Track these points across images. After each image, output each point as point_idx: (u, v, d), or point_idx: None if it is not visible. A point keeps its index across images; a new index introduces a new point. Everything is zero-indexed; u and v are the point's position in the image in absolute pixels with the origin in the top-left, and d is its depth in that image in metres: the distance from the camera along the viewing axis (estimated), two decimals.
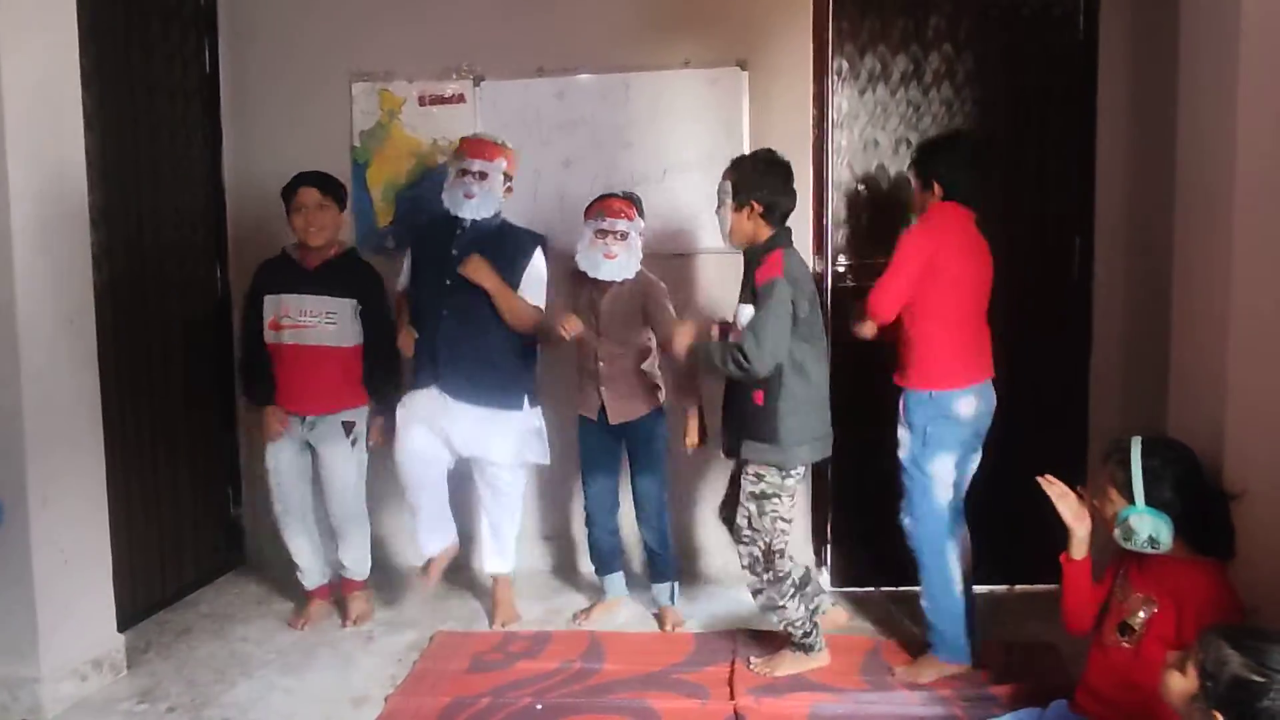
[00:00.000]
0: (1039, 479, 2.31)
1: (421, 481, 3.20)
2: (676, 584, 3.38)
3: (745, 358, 2.67)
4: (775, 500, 2.83)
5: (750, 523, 2.84)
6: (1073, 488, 2.32)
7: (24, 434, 2.66)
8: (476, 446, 3.19)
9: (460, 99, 3.78)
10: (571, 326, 3.07)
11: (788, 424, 2.76)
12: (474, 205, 3.11)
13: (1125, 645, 2.18)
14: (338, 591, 3.48)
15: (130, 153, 3.38)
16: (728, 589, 3.54)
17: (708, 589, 3.69)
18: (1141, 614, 2.16)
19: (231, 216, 3.90)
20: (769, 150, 2.87)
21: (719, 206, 2.86)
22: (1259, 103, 2.17)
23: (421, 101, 3.80)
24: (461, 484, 3.37)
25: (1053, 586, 2.41)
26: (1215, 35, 2.31)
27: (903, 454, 2.88)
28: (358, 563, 3.43)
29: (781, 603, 2.87)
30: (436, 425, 3.15)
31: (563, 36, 3.69)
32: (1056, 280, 3.45)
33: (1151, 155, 3.18)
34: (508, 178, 3.18)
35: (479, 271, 3.05)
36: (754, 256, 2.81)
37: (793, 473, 2.82)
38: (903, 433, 2.87)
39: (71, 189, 2.84)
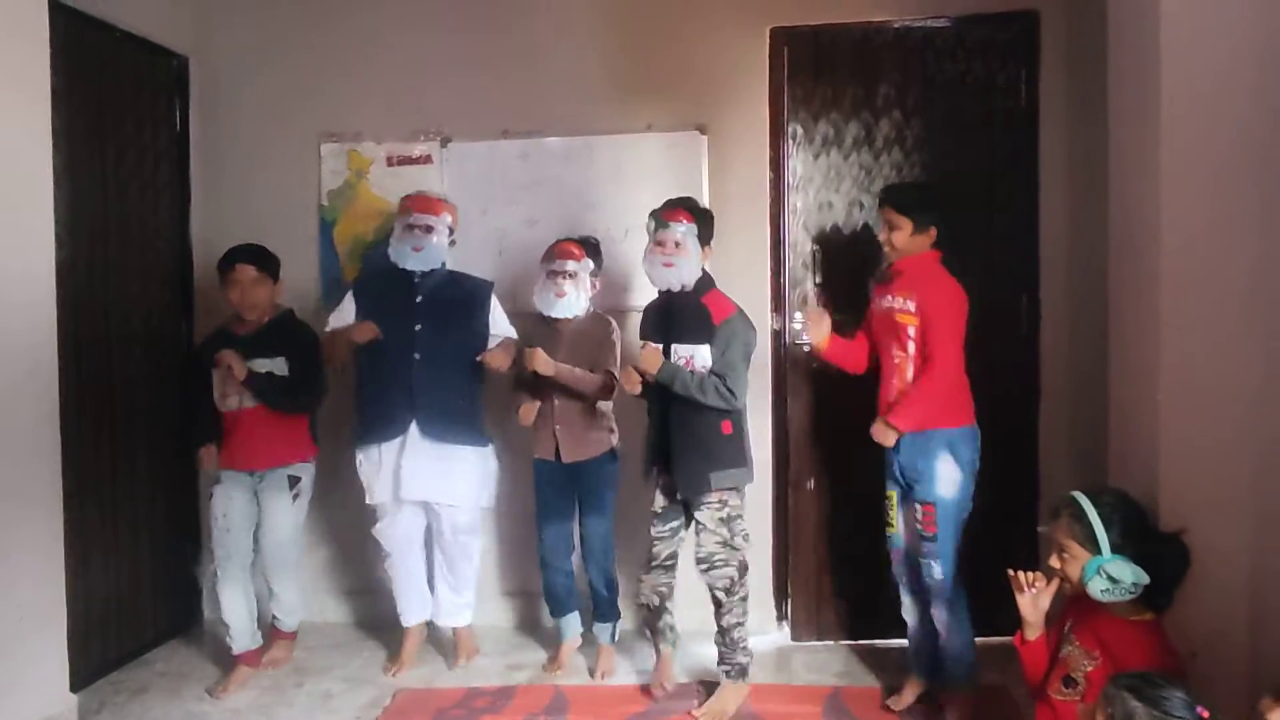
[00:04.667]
0: (1010, 575, 2.33)
1: (407, 564, 3.40)
2: (616, 623, 3.48)
3: (731, 391, 2.92)
4: (741, 519, 3.04)
5: (725, 544, 3.01)
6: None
7: None
8: (439, 491, 3.27)
9: (427, 160, 3.87)
10: (526, 415, 3.28)
11: (748, 446, 3.06)
12: (421, 258, 3.23)
13: (1071, 697, 2.23)
14: (268, 641, 3.50)
15: (99, 211, 3.42)
16: (686, 642, 3.54)
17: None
18: (1085, 667, 2.22)
19: (199, 274, 3.93)
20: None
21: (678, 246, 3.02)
22: (1180, 167, 2.29)
23: (389, 162, 3.89)
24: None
25: (1008, 639, 2.45)
26: (1139, 104, 2.45)
27: (949, 492, 2.90)
28: (288, 614, 3.50)
29: (744, 619, 3.05)
30: (403, 484, 3.24)
31: (528, 100, 3.80)
32: (1006, 336, 3.56)
33: (1091, 216, 3.31)
34: (451, 231, 3.32)
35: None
36: (694, 297, 3.02)
37: (745, 490, 3.09)
38: (948, 469, 2.90)
39: (38, 245, 2.87)
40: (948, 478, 2.90)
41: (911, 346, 2.92)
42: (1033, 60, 3.56)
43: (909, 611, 3.07)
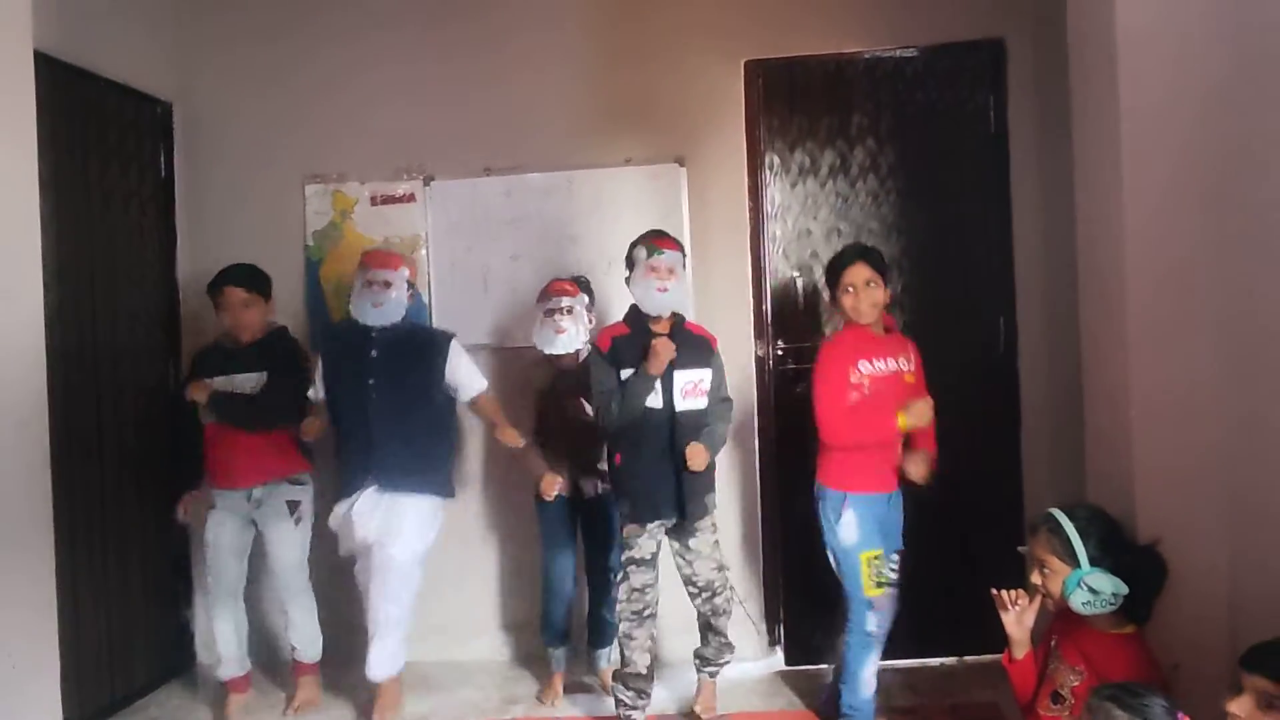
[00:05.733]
0: (994, 594, 2.36)
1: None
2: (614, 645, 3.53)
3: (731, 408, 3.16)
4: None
5: (720, 567, 3.10)
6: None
7: None
8: (387, 534, 3.18)
9: (411, 198, 3.92)
10: (549, 487, 3.27)
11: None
12: (381, 313, 3.26)
13: (1059, 713, 2.26)
14: (289, 674, 3.50)
15: (86, 256, 3.45)
16: (679, 670, 3.55)
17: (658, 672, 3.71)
18: (1071, 682, 2.25)
19: (185, 318, 3.95)
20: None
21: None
22: (1142, 192, 2.35)
23: (373, 201, 3.94)
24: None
25: (996, 657, 2.48)
26: (1100, 131, 2.52)
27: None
28: (307, 643, 3.46)
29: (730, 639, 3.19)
30: (352, 524, 3.22)
31: (509, 137, 3.86)
32: (985, 358, 3.62)
33: (1064, 237, 3.37)
34: (411, 285, 3.36)
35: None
36: (680, 324, 3.12)
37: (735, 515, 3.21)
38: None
39: (27, 293, 2.89)
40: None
41: None
42: (1000, 87, 3.65)
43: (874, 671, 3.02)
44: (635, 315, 3.09)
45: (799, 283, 3.74)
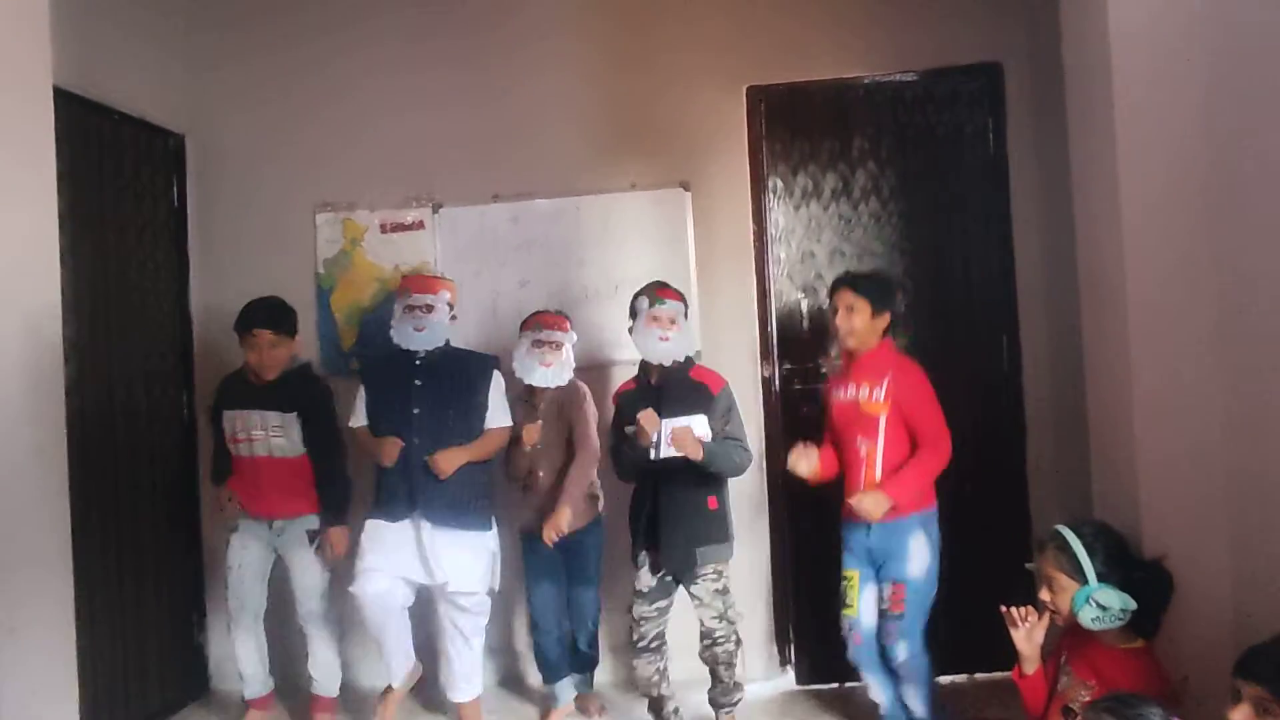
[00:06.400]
0: (1003, 611, 2.39)
1: (385, 623, 3.29)
2: (594, 671, 3.56)
3: (748, 451, 3.08)
4: (730, 592, 3.07)
5: (722, 617, 3.04)
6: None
7: None
8: (450, 575, 3.20)
9: (420, 225, 3.98)
10: (531, 436, 3.24)
11: (731, 520, 3.12)
12: (424, 337, 3.28)
13: None
14: (306, 709, 3.49)
15: (101, 287, 3.50)
16: (682, 692, 3.53)
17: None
18: (1082, 696, 2.27)
19: (198, 346, 4.00)
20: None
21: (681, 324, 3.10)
22: (1139, 207, 2.39)
23: (383, 229, 3.99)
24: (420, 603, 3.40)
25: (1008, 674, 2.50)
26: (1097, 152, 2.56)
27: (919, 572, 2.91)
28: (326, 676, 3.47)
29: (738, 679, 3.14)
30: (401, 560, 3.20)
31: (516, 164, 3.92)
32: (989, 376, 3.66)
33: (1063, 254, 3.42)
34: (451, 307, 3.38)
35: (451, 463, 3.20)
36: (684, 371, 3.09)
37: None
38: (920, 548, 2.93)
39: (46, 324, 2.93)
40: (919, 556, 2.91)
41: (881, 437, 2.91)
42: (999, 110, 3.71)
43: (878, 693, 3.03)
44: (643, 367, 3.14)
45: (803, 305, 3.79)
